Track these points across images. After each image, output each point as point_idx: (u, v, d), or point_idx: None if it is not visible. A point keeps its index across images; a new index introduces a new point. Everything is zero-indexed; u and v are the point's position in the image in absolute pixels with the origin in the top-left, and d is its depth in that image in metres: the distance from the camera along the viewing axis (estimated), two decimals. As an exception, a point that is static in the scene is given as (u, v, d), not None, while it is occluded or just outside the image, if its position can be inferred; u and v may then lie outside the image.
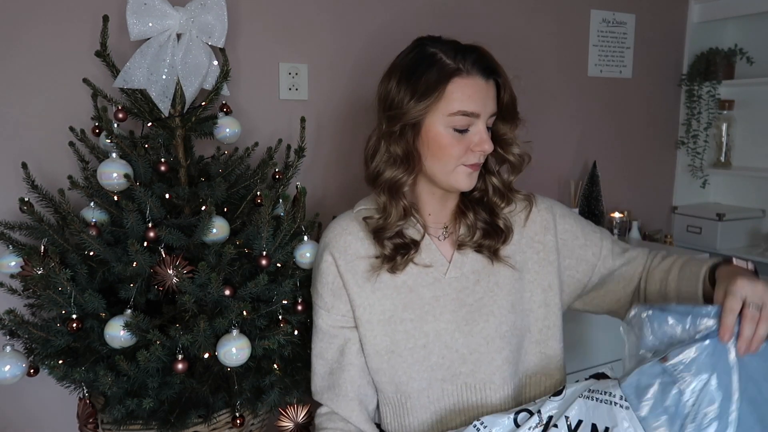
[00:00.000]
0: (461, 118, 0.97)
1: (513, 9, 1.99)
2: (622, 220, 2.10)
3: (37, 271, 1.09)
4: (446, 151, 0.99)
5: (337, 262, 1.07)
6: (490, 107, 0.99)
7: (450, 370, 1.04)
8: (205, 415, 1.19)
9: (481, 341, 1.04)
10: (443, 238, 1.09)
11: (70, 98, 1.38)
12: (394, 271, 1.05)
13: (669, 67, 2.41)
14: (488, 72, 0.98)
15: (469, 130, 0.99)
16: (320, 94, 1.69)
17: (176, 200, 1.26)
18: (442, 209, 1.09)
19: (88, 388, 1.18)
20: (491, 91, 0.99)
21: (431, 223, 1.09)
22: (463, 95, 0.96)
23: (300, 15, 1.64)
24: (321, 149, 1.70)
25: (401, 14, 1.78)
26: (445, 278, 1.06)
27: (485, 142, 0.98)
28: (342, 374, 1.07)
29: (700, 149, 2.40)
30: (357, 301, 1.05)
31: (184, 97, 1.28)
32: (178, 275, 1.11)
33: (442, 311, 1.04)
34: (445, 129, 0.98)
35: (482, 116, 0.98)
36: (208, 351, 1.13)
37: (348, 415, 1.06)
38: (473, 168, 1.01)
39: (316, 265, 1.12)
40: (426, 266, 1.06)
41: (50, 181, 1.34)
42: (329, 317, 1.08)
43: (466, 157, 1.00)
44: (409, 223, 1.06)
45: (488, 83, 0.98)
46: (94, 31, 1.34)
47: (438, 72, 0.96)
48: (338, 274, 1.07)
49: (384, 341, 1.04)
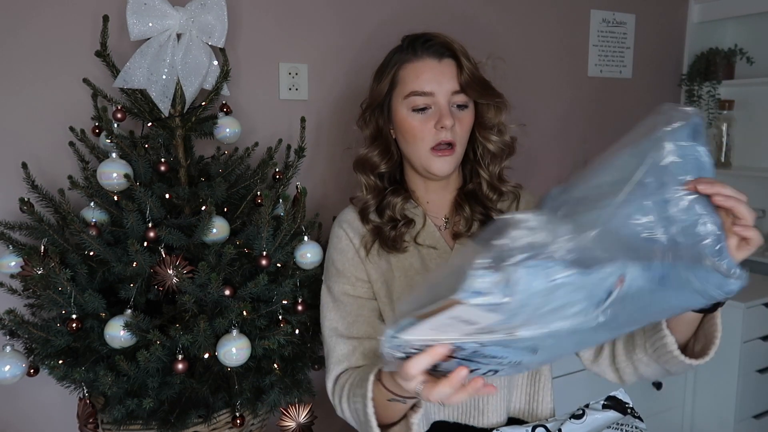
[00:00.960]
0: (416, 98, 1.02)
1: (513, 9, 1.99)
2: (622, 220, 2.10)
3: (37, 271, 1.09)
4: (414, 134, 1.04)
5: (352, 240, 1.09)
6: (448, 85, 1.02)
7: None
8: (205, 415, 1.19)
9: None
10: (444, 228, 1.11)
11: (70, 98, 1.37)
12: (393, 248, 1.06)
13: (669, 67, 2.41)
14: (440, 53, 1.03)
15: (430, 108, 1.03)
16: (320, 94, 1.69)
17: (176, 200, 1.26)
18: (439, 199, 1.12)
19: (88, 388, 1.18)
20: (448, 70, 1.02)
21: (431, 211, 1.12)
22: (414, 77, 1.03)
23: (300, 15, 1.64)
24: (321, 149, 1.70)
25: (401, 14, 1.78)
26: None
27: (444, 117, 1.01)
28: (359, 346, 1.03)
29: (700, 149, 2.40)
30: (374, 276, 1.07)
31: (184, 97, 1.28)
32: (178, 275, 1.11)
33: None
34: (407, 112, 1.04)
35: (438, 94, 1.02)
36: (208, 351, 1.13)
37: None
38: (441, 152, 1.03)
39: (331, 243, 1.12)
40: (430, 247, 1.08)
41: (50, 181, 1.34)
42: (348, 283, 1.07)
43: (433, 138, 1.02)
44: (408, 205, 1.10)
45: (442, 63, 1.03)
46: (94, 31, 1.33)
47: (392, 60, 1.07)
48: (353, 248, 1.09)
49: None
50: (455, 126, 1.02)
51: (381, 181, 1.11)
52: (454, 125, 1.02)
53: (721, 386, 1.97)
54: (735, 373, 1.93)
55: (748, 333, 1.92)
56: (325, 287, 1.11)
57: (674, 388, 1.99)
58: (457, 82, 1.03)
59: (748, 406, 1.99)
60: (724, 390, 1.97)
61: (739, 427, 1.97)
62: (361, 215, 1.10)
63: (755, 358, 1.97)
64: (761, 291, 1.99)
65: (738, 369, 1.92)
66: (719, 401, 1.98)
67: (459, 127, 1.03)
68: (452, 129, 1.02)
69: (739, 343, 1.91)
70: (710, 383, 2.00)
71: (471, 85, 1.03)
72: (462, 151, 1.06)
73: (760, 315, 1.95)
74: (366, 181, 1.11)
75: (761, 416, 2.04)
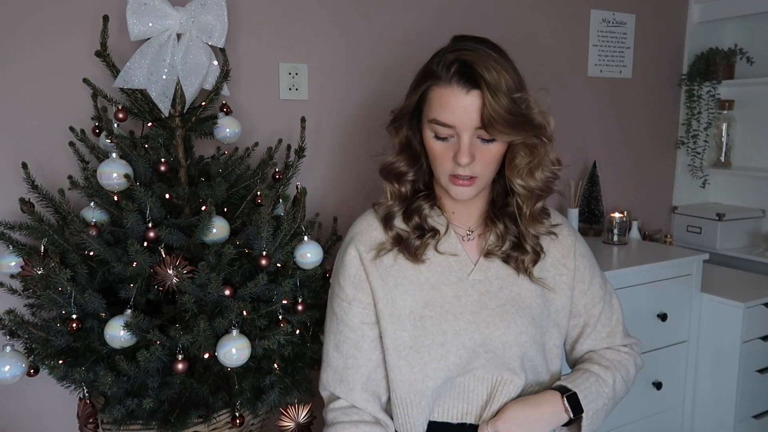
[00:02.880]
0: (438, 127, 0.97)
1: (513, 9, 1.99)
2: (622, 220, 2.10)
3: (37, 271, 1.09)
4: (435, 158, 1.01)
5: (362, 256, 1.07)
6: (472, 120, 0.96)
7: (465, 367, 1.05)
8: (205, 415, 1.19)
9: (498, 345, 1.05)
10: (467, 240, 1.10)
11: (70, 98, 1.38)
12: (413, 256, 1.05)
13: (669, 67, 2.41)
14: (470, 83, 0.95)
15: (453, 138, 0.98)
16: (320, 94, 1.69)
17: (176, 200, 1.26)
18: (465, 210, 1.09)
19: (88, 388, 1.18)
20: (475, 103, 0.95)
21: (455, 221, 1.10)
22: (439, 104, 0.97)
23: (300, 15, 1.64)
24: (321, 149, 1.70)
25: (401, 14, 1.78)
26: (468, 279, 1.06)
27: (462, 154, 0.96)
28: (358, 370, 1.06)
29: (700, 149, 2.40)
30: (380, 294, 1.05)
31: (184, 97, 1.28)
32: (178, 275, 1.12)
33: (463, 311, 1.05)
34: (430, 135, 1.00)
35: (460, 128, 0.96)
36: (208, 351, 1.13)
37: (364, 406, 1.06)
38: (458, 182, 0.99)
39: (339, 258, 1.12)
40: (451, 255, 1.07)
41: (50, 181, 1.34)
42: (350, 310, 1.07)
43: (452, 168, 0.99)
44: (433, 213, 1.08)
45: (469, 95, 0.95)
46: (94, 31, 1.34)
47: (423, 75, 1.00)
48: (362, 266, 1.07)
49: (403, 336, 1.04)
50: (476, 161, 0.98)
51: (409, 188, 1.08)
52: (472, 162, 0.98)
53: (721, 386, 1.97)
54: (735, 373, 1.93)
55: (748, 333, 1.92)
56: (329, 307, 1.12)
57: (674, 388, 1.99)
58: (479, 118, 0.96)
59: (748, 406, 1.99)
60: (724, 390, 1.97)
61: (739, 427, 1.97)
62: (385, 221, 1.08)
63: (755, 358, 1.97)
64: (761, 291, 1.99)
65: (738, 369, 1.92)
66: (719, 401, 1.98)
67: (481, 161, 0.98)
68: (472, 165, 0.98)
69: (739, 343, 1.91)
70: (710, 383, 2.00)
71: (493, 124, 0.95)
72: (486, 180, 1.02)
73: (760, 315, 1.95)
74: (391, 188, 1.08)
75: (761, 416, 2.04)
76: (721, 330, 1.95)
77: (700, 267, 1.97)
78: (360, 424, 1.05)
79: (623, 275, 1.80)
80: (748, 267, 2.27)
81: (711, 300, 1.96)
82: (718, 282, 2.05)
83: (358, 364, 1.07)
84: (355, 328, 1.07)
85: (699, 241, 2.37)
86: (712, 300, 1.96)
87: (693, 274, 1.96)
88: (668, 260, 1.90)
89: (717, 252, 2.31)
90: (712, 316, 1.97)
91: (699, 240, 2.38)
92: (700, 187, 2.48)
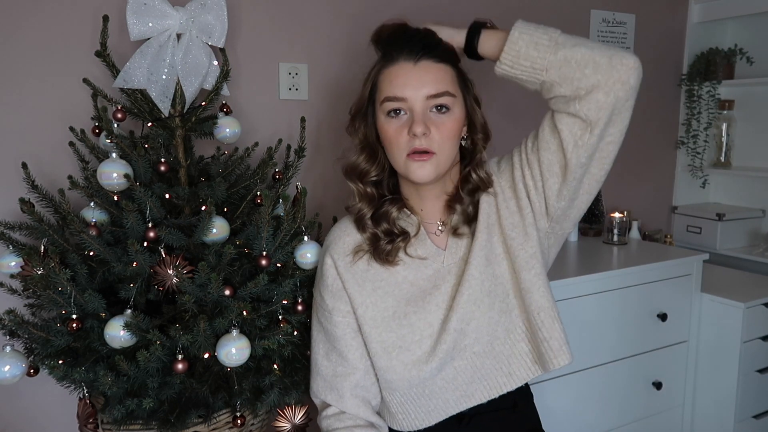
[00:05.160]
0: (389, 103, 0.99)
1: (513, 9, 1.99)
2: (622, 220, 2.10)
3: (37, 271, 1.09)
4: (390, 141, 1.01)
5: (336, 264, 1.08)
6: (423, 88, 0.98)
7: (456, 348, 1.05)
8: (205, 415, 1.19)
9: (471, 307, 1.04)
10: (440, 233, 1.10)
11: (70, 98, 1.38)
12: (385, 261, 1.05)
13: (669, 67, 2.41)
14: (415, 54, 0.99)
15: (405, 114, 0.99)
16: (320, 94, 1.69)
17: (176, 200, 1.26)
18: (432, 206, 1.10)
19: (88, 388, 1.18)
20: (427, 72, 0.98)
21: (426, 219, 1.10)
22: (388, 82, 1.00)
23: (300, 15, 1.64)
24: (321, 149, 1.70)
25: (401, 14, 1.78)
26: (444, 266, 1.07)
27: (416, 123, 0.97)
28: (347, 378, 1.08)
29: (700, 149, 2.40)
30: (358, 300, 1.06)
31: (184, 97, 1.28)
32: (178, 275, 1.12)
33: (444, 298, 1.05)
34: (384, 118, 1.01)
35: (411, 99, 0.98)
36: (208, 351, 1.13)
37: (356, 412, 1.07)
38: (417, 157, 0.99)
39: (318, 269, 1.14)
40: (421, 258, 1.07)
41: (50, 181, 1.34)
42: (332, 319, 1.08)
43: (408, 145, 0.99)
44: (402, 215, 1.09)
45: (418, 65, 0.98)
46: (94, 31, 1.34)
47: (374, 65, 1.05)
48: (338, 275, 1.07)
49: (391, 337, 1.04)
50: (433, 132, 0.98)
51: (376, 189, 1.09)
52: (429, 132, 0.98)
53: (721, 386, 1.97)
54: (735, 373, 1.93)
55: (748, 333, 1.92)
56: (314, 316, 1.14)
57: (674, 388, 1.99)
58: (442, 85, 0.98)
59: (748, 406, 1.99)
60: (724, 390, 1.97)
61: (739, 427, 1.97)
62: (357, 224, 1.09)
63: (755, 358, 1.97)
64: (761, 291, 1.99)
65: (738, 369, 1.92)
66: (719, 401, 1.98)
67: (437, 133, 0.99)
68: (428, 136, 0.98)
69: (739, 343, 1.91)
70: (710, 383, 2.00)
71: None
72: (446, 156, 1.01)
73: (760, 315, 1.95)
74: (357, 188, 1.09)
75: (761, 416, 2.04)
76: (721, 330, 1.95)
77: (700, 267, 1.97)
78: (354, 428, 1.06)
79: (623, 275, 1.80)
80: (748, 267, 2.27)
81: (711, 300, 1.96)
82: (718, 282, 2.05)
83: (347, 372, 1.08)
84: (339, 338, 1.08)
85: (699, 241, 2.37)
86: (712, 300, 1.96)
87: (693, 274, 1.96)
88: (668, 260, 1.90)
89: (717, 252, 2.31)
90: (712, 316, 1.97)
91: (699, 240, 2.38)
92: (700, 187, 2.48)
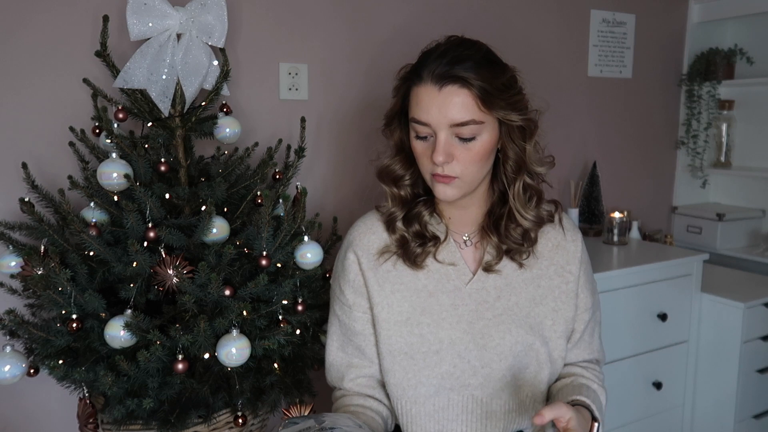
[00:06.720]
0: (417, 126, 0.97)
1: (513, 9, 1.99)
2: (622, 220, 2.10)
3: (37, 271, 1.09)
4: (418, 158, 1.01)
5: (360, 261, 1.07)
6: (447, 117, 0.94)
7: (459, 380, 1.04)
8: (205, 415, 1.19)
9: (494, 357, 1.04)
10: (465, 246, 1.08)
11: (70, 98, 1.38)
12: (413, 263, 1.04)
13: (669, 67, 2.41)
14: (440, 79, 0.93)
15: (432, 137, 0.97)
16: (320, 94, 1.69)
17: (176, 200, 1.26)
18: (460, 215, 1.08)
19: (88, 388, 1.18)
20: (451, 99, 0.93)
21: (453, 227, 1.09)
22: (415, 103, 0.96)
23: (300, 15, 1.64)
24: (321, 149, 1.70)
25: (401, 14, 1.78)
26: (465, 288, 1.06)
27: (437, 153, 0.95)
28: (362, 369, 1.08)
29: (700, 149, 2.40)
30: (376, 299, 1.05)
31: (184, 97, 1.28)
32: (178, 275, 1.11)
33: (459, 320, 1.04)
34: (413, 135, 1.00)
35: (435, 126, 0.95)
36: (208, 351, 1.13)
37: (372, 393, 1.08)
38: (439, 179, 0.98)
39: (339, 261, 1.12)
40: (450, 264, 1.06)
41: (50, 181, 1.34)
42: (352, 314, 1.08)
43: (431, 168, 0.98)
44: (432, 220, 1.08)
45: (442, 91, 0.93)
46: (94, 31, 1.34)
47: (404, 77, 1.01)
48: (360, 272, 1.07)
49: (399, 342, 1.04)
50: (455, 161, 0.96)
51: (408, 191, 1.07)
52: (450, 162, 0.96)
53: (721, 386, 1.97)
54: (735, 373, 1.93)
55: (748, 333, 1.92)
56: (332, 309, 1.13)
57: (674, 388, 1.99)
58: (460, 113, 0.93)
59: (748, 406, 1.99)
60: (724, 390, 1.97)
61: (739, 427, 1.97)
62: (387, 225, 1.07)
63: (755, 358, 1.97)
64: (761, 291, 1.99)
65: (738, 369, 1.92)
66: (719, 401, 1.98)
67: (461, 161, 0.96)
68: (450, 164, 0.96)
69: (739, 343, 1.91)
70: (710, 383, 2.00)
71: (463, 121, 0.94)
72: (471, 178, 0.99)
73: (760, 315, 1.95)
74: (391, 192, 1.07)
75: (761, 416, 2.04)
76: (721, 330, 1.95)
77: (700, 267, 1.97)
78: (366, 396, 1.08)
79: (623, 275, 1.80)
80: (748, 267, 2.27)
81: (711, 300, 1.97)
82: (718, 282, 2.05)
83: (363, 364, 1.08)
84: (359, 332, 1.07)
85: (699, 241, 2.37)
86: (712, 300, 1.96)
87: (693, 274, 1.96)
88: (668, 260, 1.90)
89: (717, 252, 2.31)
90: (712, 316, 1.97)
91: (699, 240, 2.38)
92: (700, 187, 2.48)
